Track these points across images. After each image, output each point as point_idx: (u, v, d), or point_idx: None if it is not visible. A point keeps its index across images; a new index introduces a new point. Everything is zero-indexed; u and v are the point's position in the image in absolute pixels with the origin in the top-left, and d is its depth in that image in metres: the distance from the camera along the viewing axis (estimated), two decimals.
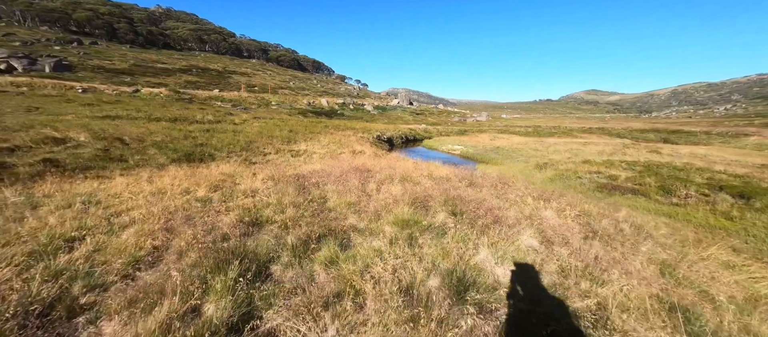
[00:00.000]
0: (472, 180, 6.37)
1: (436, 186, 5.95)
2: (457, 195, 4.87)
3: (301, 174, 7.20)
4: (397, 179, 6.23)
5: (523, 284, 2.63)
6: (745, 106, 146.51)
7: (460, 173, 7.02)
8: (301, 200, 4.83)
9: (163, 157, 9.70)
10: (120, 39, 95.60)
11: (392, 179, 6.24)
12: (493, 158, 20.05)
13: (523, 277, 2.73)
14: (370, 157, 11.92)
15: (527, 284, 2.65)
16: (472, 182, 6.01)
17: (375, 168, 8.34)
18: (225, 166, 8.35)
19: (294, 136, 17.40)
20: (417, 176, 6.76)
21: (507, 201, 4.88)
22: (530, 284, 2.65)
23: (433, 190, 5.45)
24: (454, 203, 4.45)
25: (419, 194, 5.11)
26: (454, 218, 3.88)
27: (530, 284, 2.66)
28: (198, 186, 5.50)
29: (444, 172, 7.33)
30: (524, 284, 2.64)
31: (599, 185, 11.22)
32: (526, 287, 2.61)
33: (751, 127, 51.85)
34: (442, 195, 4.97)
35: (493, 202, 4.67)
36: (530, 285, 2.64)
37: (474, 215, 4.04)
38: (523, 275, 2.75)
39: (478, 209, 4.21)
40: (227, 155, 11.26)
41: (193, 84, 65.08)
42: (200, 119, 22.98)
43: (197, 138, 13.57)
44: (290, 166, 9.77)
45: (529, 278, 2.74)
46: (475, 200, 4.75)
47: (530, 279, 2.72)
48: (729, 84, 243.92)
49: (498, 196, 5.22)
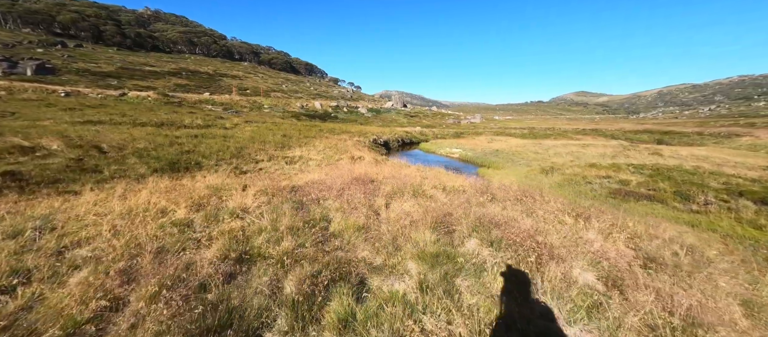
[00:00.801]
0: (492, 193, 5.69)
1: (453, 200, 5.25)
2: (484, 214, 4.18)
3: (298, 186, 6.43)
4: (408, 193, 5.51)
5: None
6: (729, 107, 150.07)
7: (475, 184, 6.34)
8: (299, 222, 4.08)
9: (143, 167, 8.83)
10: (107, 41, 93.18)
11: (402, 193, 5.52)
12: (493, 162, 19.50)
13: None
14: (370, 164, 11.19)
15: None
16: (494, 196, 5.33)
17: (379, 177, 7.62)
18: (212, 178, 7.53)
19: (288, 141, 16.57)
20: (428, 187, 6.06)
21: (540, 220, 4.21)
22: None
23: (450, 206, 4.75)
24: (483, 224, 3.76)
25: (437, 212, 4.40)
26: (490, 248, 3.18)
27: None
28: (178, 204, 4.70)
29: (457, 182, 6.64)
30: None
31: (611, 191, 10.69)
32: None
33: (736, 128, 52.64)
34: (464, 213, 4.27)
35: (525, 222, 3.99)
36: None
37: (510, 240, 3.35)
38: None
39: (513, 232, 3.52)
40: (216, 163, 10.41)
41: (182, 87, 63.51)
42: (189, 124, 21.99)
43: (184, 144, 12.67)
44: (285, 175, 8.99)
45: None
46: (504, 219, 4.06)
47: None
48: (712, 85, 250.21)
49: (527, 212, 4.55)
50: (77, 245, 3.47)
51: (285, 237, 3.44)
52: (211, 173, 9.08)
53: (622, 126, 61.14)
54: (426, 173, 9.16)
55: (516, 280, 2.61)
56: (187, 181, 7.69)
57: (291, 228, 3.81)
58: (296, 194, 5.80)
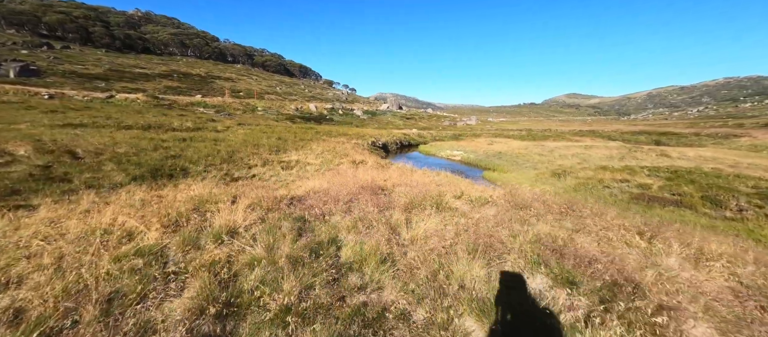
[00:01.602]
0: (523, 201, 4.87)
1: (484, 214, 4.42)
2: (538, 236, 3.34)
3: (297, 197, 5.54)
4: (428, 205, 4.66)
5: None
6: (716, 108, 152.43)
7: (503, 194, 5.51)
8: (303, 249, 3.20)
9: (121, 175, 7.83)
10: (95, 43, 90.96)
11: (422, 205, 4.67)
12: (498, 165, 18.78)
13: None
14: (373, 169, 10.33)
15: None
16: (531, 208, 4.51)
17: (387, 184, 6.77)
18: (198, 187, 6.60)
19: (283, 144, 15.63)
20: (449, 197, 5.22)
21: (603, 240, 3.40)
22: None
23: (487, 223, 3.91)
24: (543, 252, 2.93)
25: (473, 232, 3.56)
26: (566, 288, 2.35)
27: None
28: (149, 224, 3.78)
29: (481, 191, 5.80)
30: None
31: (633, 196, 9.98)
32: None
33: (729, 129, 53.03)
34: (510, 233, 3.44)
35: (588, 246, 3.17)
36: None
37: (589, 275, 2.52)
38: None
39: (581, 261, 2.69)
40: (204, 169, 9.44)
41: (173, 89, 61.96)
42: (178, 127, 20.90)
43: (170, 149, 11.66)
44: (281, 183, 8.07)
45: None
46: (560, 241, 3.24)
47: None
48: (699, 87, 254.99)
49: (580, 229, 3.73)
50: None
51: (286, 275, 2.56)
52: (197, 180, 8.12)
53: (618, 127, 61.26)
54: (437, 178, 8.34)
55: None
56: (168, 191, 6.73)
57: (292, 259, 2.93)
58: (296, 207, 4.91)
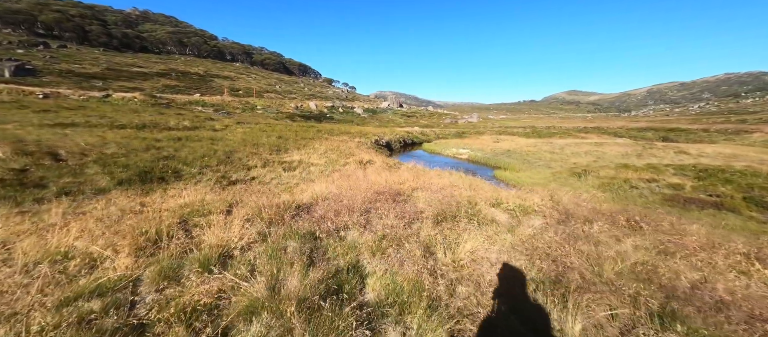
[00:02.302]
0: (572, 210, 4.08)
1: (530, 226, 3.63)
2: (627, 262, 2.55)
3: (303, 204, 4.76)
4: (461, 216, 3.88)
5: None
6: (717, 104, 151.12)
7: (546, 201, 4.71)
8: (316, 286, 2.42)
9: (105, 179, 7.04)
10: (92, 42, 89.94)
11: (453, 217, 3.88)
12: (508, 164, 17.97)
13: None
14: (383, 169, 9.54)
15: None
16: (578, 216, 3.72)
17: (404, 188, 5.98)
18: (190, 192, 5.82)
19: (284, 143, 14.83)
20: (483, 205, 4.43)
21: (705, 266, 2.63)
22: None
23: (542, 240, 3.12)
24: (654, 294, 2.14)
25: (529, 254, 2.77)
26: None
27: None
28: (120, 247, 3.00)
29: (516, 198, 5.00)
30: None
31: (665, 197, 9.19)
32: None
33: (733, 125, 52.24)
34: (590, 262, 2.65)
35: (693, 275, 2.40)
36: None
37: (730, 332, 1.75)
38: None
39: (711, 306, 1.92)
40: (199, 171, 8.65)
41: (172, 88, 61.11)
42: (174, 126, 20.10)
43: (163, 149, 10.87)
44: (284, 187, 7.28)
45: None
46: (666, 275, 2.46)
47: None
48: (699, 83, 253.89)
49: (669, 252, 2.96)
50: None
51: (297, 334, 1.78)
52: (191, 184, 7.33)
53: (622, 124, 60.39)
54: (455, 180, 7.55)
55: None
56: (156, 196, 5.95)
57: (304, 303, 2.14)
58: (302, 218, 4.13)
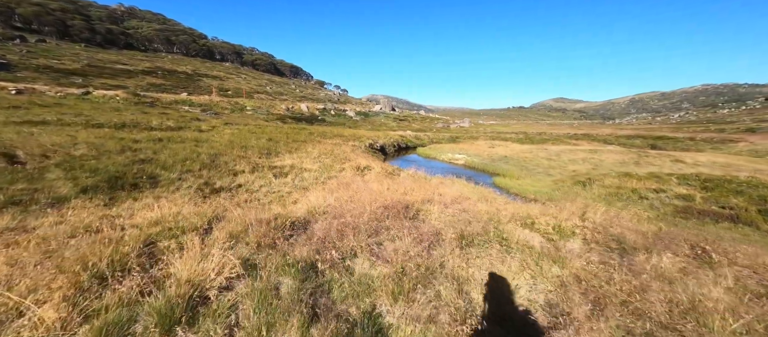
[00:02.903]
0: (619, 234, 3.49)
1: (575, 253, 3.01)
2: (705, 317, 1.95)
3: (299, 220, 4.03)
4: (491, 239, 3.23)
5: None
6: (696, 114, 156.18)
7: (580, 221, 4.11)
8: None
9: (67, 185, 6.13)
10: (74, 37, 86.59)
11: (483, 241, 3.23)
12: (506, 170, 17.54)
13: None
14: (382, 177, 8.86)
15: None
16: (624, 240, 3.14)
17: (411, 200, 5.31)
18: (164, 203, 5.00)
19: (275, 146, 13.99)
20: (511, 225, 3.79)
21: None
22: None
23: (605, 278, 2.50)
24: None
25: (596, 299, 2.13)
26: None
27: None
28: (53, 289, 2.22)
29: (544, 216, 4.38)
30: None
31: (677, 209, 8.80)
32: None
33: (720, 134, 53.71)
34: (664, 306, 2.04)
35: None
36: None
37: None
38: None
39: None
40: (179, 177, 7.77)
41: (157, 87, 59.10)
42: (157, 126, 18.97)
43: (141, 151, 9.92)
44: (274, 195, 6.50)
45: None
46: None
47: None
48: (679, 93, 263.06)
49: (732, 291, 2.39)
50: None
51: None
52: (168, 191, 6.48)
53: (611, 131, 61.44)
54: (464, 190, 6.93)
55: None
56: (123, 208, 5.11)
57: None
58: (298, 239, 3.41)
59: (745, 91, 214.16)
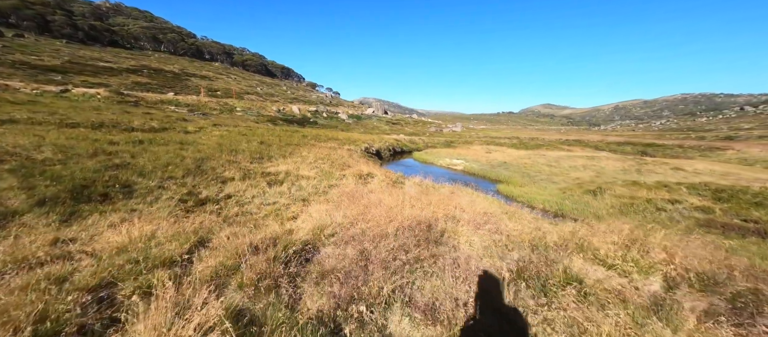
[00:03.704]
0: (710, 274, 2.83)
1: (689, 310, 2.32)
2: None
3: (302, 245, 3.24)
4: (561, 278, 2.51)
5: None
6: (677, 122, 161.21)
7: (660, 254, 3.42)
8: None
9: (20, 196, 5.15)
10: (54, 33, 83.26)
11: (556, 285, 2.51)
12: (507, 177, 17.03)
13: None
14: (387, 185, 8.10)
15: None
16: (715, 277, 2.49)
17: (433, 215, 4.57)
18: (138, 220, 4.13)
19: (267, 150, 13.07)
20: (578, 260, 3.09)
21: None
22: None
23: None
24: None
25: None
26: None
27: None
28: None
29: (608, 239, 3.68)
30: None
31: (698, 222, 8.32)
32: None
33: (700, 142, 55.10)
34: None
35: None
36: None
37: None
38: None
39: None
40: (159, 185, 6.82)
41: (143, 86, 57.04)
42: (139, 126, 17.74)
43: (117, 154, 8.90)
44: (269, 208, 5.65)
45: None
46: None
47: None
48: (660, 101, 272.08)
49: None
50: None
51: None
52: (144, 203, 5.56)
53: (601, 138, 62.31)
54: (484, 204, 6.23)
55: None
56: (84, 227, 4.21)
57: None
58: (306, 278, 2.62)
59: (721, 100, 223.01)
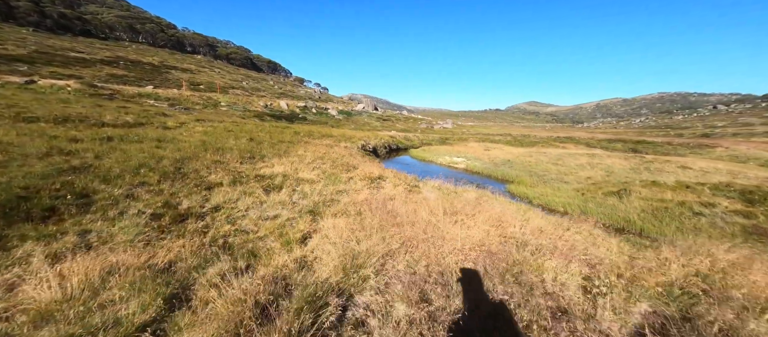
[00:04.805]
0: None
1: None
2: None
3: (321, 292, 2.08)
4: None
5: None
6: (655, 120, 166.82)
7: None
8: None
9: None
10: (19, 21, 77.67)
11: None
12: (515, 176, 16.18)
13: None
14: (402, 190, 6.96)
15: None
16: None
17: (487, 235, 3.48)
18: (85, 252, 2.86)
19: (258, 148, 11.68)
20: None
21: None
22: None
23: None
24: None
25: None
26: None
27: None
28: None
29: None
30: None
31: (744, 228, 7.59)
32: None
33: (682, 139, 56.52)
34: None
35: None
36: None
37: None
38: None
39: None
40: (127, 193, 5.45)
41: (119, 78, 53.60)
42: (110, 121, 15.91)
43: (77, 154, 7.40)
44: (270, 224, 4.41)
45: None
46: None
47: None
48: (639, 100, 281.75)
49: None
50: None
51: None
52: (104, 220, 4.23)
53: (590, 135, 63.01)
54: (528, 213, 5.18)
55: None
56: (8, 266, 2.89)
57: None
58: None
59: (695, 99, 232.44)
